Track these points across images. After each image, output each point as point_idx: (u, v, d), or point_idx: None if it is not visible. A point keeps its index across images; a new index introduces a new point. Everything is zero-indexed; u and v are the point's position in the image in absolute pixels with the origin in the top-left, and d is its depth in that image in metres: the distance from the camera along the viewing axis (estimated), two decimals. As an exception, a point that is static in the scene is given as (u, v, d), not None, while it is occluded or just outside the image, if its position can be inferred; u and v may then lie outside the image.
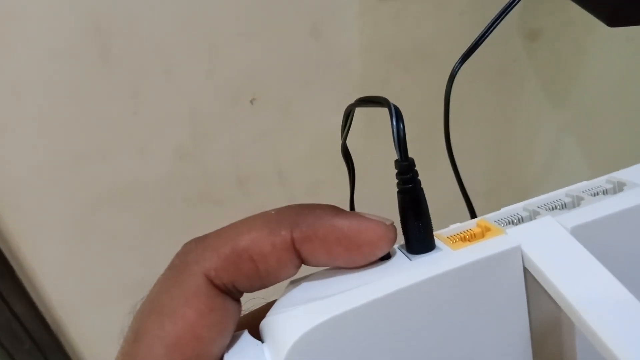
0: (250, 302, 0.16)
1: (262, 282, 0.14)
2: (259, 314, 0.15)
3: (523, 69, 0.54)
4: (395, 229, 0.14)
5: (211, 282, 0.14)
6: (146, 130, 0.45)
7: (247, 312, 0.17)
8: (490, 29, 0.33)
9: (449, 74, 0.37)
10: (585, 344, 0.13)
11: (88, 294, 0.55)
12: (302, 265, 0.15)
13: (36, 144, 0.44)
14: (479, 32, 0.36)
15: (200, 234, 0.15)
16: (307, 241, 0.14)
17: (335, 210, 0.14)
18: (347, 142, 0.18)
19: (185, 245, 0.15)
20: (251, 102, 0.47)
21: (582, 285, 0.12)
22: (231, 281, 0.14)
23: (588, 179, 0.17)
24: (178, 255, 0.14)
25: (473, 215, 0.41)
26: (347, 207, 0.17)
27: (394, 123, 0.14)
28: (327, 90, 0.49)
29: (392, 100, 0.13)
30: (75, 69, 0.41)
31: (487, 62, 0.52)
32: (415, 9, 0.47)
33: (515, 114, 0.58)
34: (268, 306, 0.15)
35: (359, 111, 0.17)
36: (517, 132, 0.59)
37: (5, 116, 0.42)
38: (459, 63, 0.37)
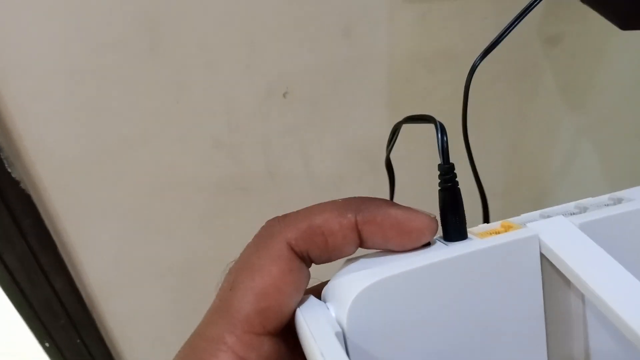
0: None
1: (329, 255, 0.17)
2: (316, 289, 0.19)
3: (542, 73, 0.57)
4: (437, 221, 0.17)
5: (291, 249, 0.17)
6: (187, 119, 0.49)
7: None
8: (513, 26, 0.36)
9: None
10: (593, 321, 0.17)
11: (122, 275, 0.58)
12: (359, 248, 0.18)
13: (84, 129, 0.47)
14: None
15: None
16: (367, 224, 0.17)
17: (391, 202, 0.18)
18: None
19: (270, 220, 0.18)
20: (284, 95, 0.50)
21: (590, 266, 0.15)
22: (306, 250, 0.17)
23: (603, 183, 0.20)
24: (264, 227, 0.18)
25: (486, 217, 0.43)
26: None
27: (439, 135, 0.17)
28: (355, 87, 0.52)
29: (417, 99, 0.15)
30: (125, 58, 0.45)
31: (508, 65, 0.55)
32: (441, 12, 0.50)
33: (534, 117, 0.60)
34: (321, 284, 0.19)
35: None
36: (535, 134, 0.61)
37: (57, 101, 0.46)
38: (480, 58, 0.40)
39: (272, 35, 0.47)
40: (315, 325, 0.16)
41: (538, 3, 0.32)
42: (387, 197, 0.19)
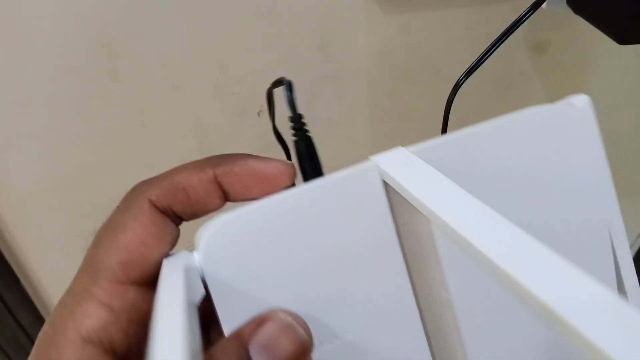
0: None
1: (193, 209, 0.18)
2: None
3: (529, 81, 0.54)
4: (294, 167, 0.18)
5: (154, 205, 0.17)
6: (154, 144, 0.46)
7: None
8: (495, 46, 0.34)
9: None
10: (441, 238, 0.17)
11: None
12: (227, 202, 0.19)
13: (44, 159, 0.44)
14: (485, 46, 0.36)
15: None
16: (226, 176, 0.18)
17: (249, 154, 0.19)
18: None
19: (135, 185, 0.18)
20: (258, 114, 0.47)
21: (424, 186, 0.16)
22: (169, 205, 0.18)
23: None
24: (129, 191, 0.18)
25: None
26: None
27: (286, 92, 0.19)
28: (333, 104, 0.49)
29: (400, 114, 0.13)
30: (83, 85, 0.41)
31: (493, 74, 0.52)
32: (421, 23, 0.48)
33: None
34: None
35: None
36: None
37: (13, 132, 0.42)
38: (464, 77, 0.37)
39: (241, 53, 0.44)
40: (167, 265, 0.16)
41: (520, 25, 0.30)
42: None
